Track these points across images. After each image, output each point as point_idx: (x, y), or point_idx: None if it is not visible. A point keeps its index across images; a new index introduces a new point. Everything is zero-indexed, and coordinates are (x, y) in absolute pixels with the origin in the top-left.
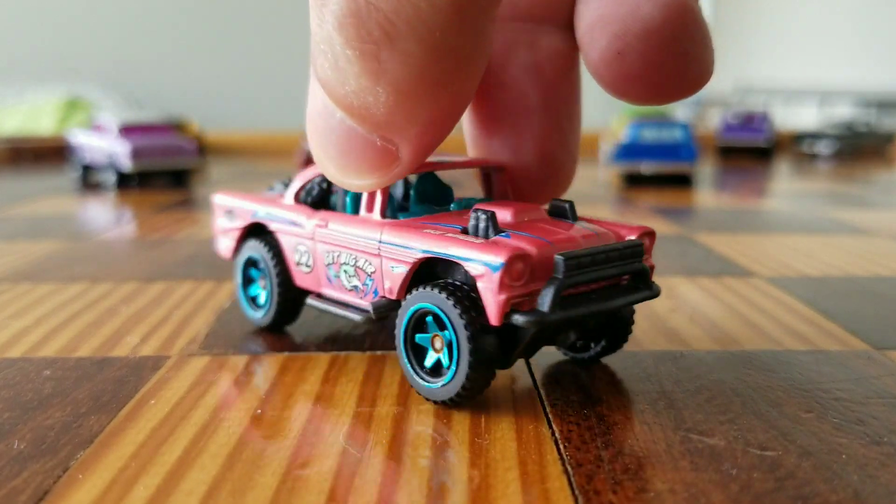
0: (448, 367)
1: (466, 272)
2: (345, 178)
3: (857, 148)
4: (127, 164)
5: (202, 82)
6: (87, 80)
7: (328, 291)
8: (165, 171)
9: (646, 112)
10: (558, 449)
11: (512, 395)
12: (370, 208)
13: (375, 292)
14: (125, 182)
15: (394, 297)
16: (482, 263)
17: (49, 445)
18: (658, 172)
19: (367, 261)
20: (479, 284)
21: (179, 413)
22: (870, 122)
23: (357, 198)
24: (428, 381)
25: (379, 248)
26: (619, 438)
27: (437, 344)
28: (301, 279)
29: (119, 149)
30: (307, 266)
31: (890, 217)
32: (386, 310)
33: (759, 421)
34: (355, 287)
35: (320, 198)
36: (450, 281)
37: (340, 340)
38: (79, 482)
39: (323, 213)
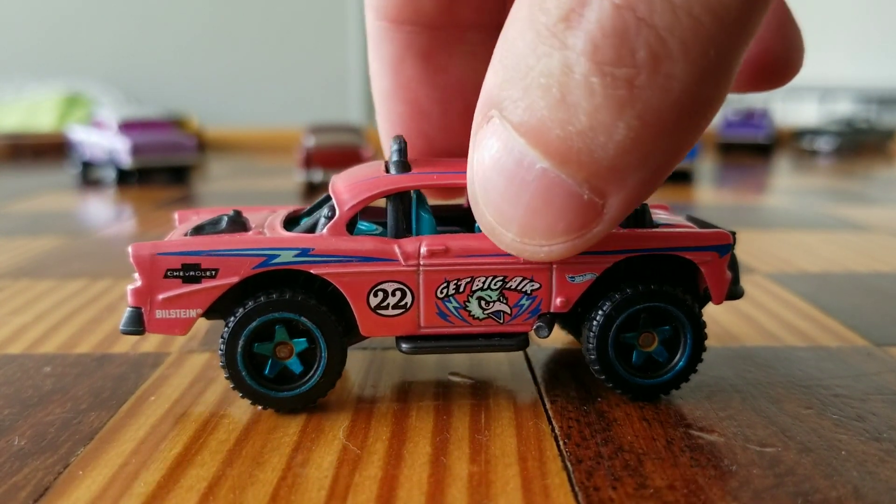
0: (674, 359)
1: (676, 263)
2: (528, 244)
3: (857, 144)
4: (126, 161)
5: (202, 78)
6: (87, 77)
7: (436, 330)
8: (165, 168)
9: None
10: (558, 445)
11: (512, 391)
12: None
13: (534, 311)
14: (125, 178)
15: (566, 309)
16: (712, 250)
17: (49, 442)
18: None
19: (526, 279)
20: (705, 270)
21: (179, 409)
22: (870, 118)
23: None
24: (642, 378)
25: (552, 262)
26: (619, 434)
27: (644, 342)
28: (377, 327)
29: (119, 145)
30: (398, 308)
31: (890, 213)
32: (552, 327)
33: (759, 417)
34: (496, 313)
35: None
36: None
37: None
38: (79, 478)
39: (430, 238)
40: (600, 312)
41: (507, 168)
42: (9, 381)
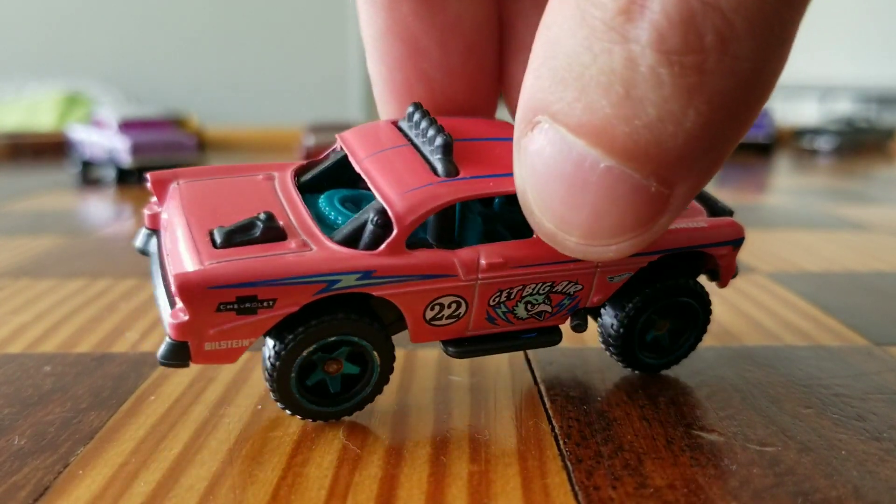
0: (679, 343)
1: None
2: (593, 245)
3: (857, 144)
4: (127, 160)
5: (202, 77)
6: (87, 76)
7: (480, 332)
8: (165, 167)
9: None
10: (558, 445)
11: (512, 391)
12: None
13: (572, 309)
14: (125, 178)
15: (598, 305)
16: (729, 244)
17: (49, 441)
18: None
19: (571, 283)
20: (721, 262)
21: (179, 409)
22: (870, 117)
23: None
24: (648, 356)
25: (597, 265)
26: (619, 434)
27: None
28: (427, 335)
29: (119, 144)
30: (451, 318)
31: (890, 213)
32: (587, 322)
33: (759, 417)
34: (538, 314)
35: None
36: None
37: None
38: (79, 478)
39: (487, 250)
40: (630, 305)
41: (565, 172)
42: (9, 380)
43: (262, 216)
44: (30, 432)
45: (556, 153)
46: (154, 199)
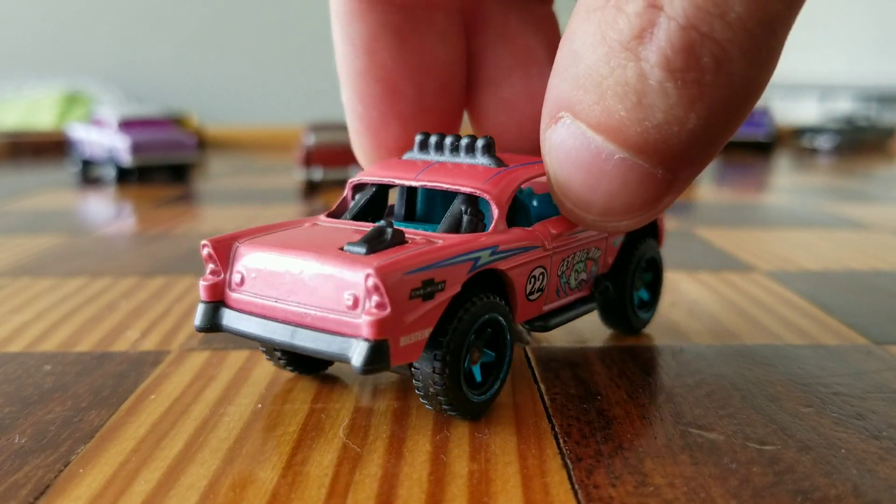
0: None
1: None
2: (609, 220)
3: (857, 142)
4: (126, 159)
5: (202, 77)
6: (87, 75)
7: (550, 307)
8: (165, 166)
9: None
10: (558, 443)
11: (512, 389)
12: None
13: (594, 274)
14: (125, 176)
15: (607, 269)
16: None
17: (50, 440)
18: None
19: (596, 248)
20: (660, 225)
21: (180, 408)
22: (870, 116)
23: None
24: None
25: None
26: (619, 433)
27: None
28: (524, 313)
29: (119, 143)
30: (538, 291)
31: (890, 211)
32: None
33: (759, 415)
34: (582, 281)
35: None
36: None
37: None
38: (80, 476)
39: (546, 224)
40: (629, 269)
41: (584, 161)
42: (9, 379)
43: (381, 225)
44: (30, 431)
45: (577, 145)
46: (210, 267)
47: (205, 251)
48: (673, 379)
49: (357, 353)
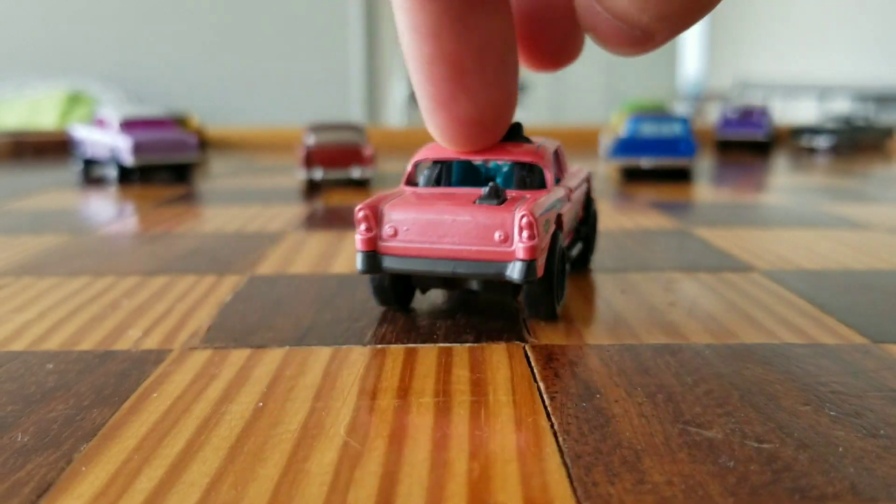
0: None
1: None
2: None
3: (855, 142)
4: (128, 159)
5: (204, 79)
6: (89, 76)
7: (566, 243)
8: (167, 166)
9: (645, 107)
10: (557, 441)
11: (511, 387)
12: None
13: (575, 220)
14: (127, 176)
15: (580, 218)
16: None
17: (52, 438)
18: (657, 167)
19: (579, 202)
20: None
21: (182, 406)
22: (868, 116)
23: None
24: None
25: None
26: (617, 430)
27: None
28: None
29: (121, 143)
30: (566, 231)
31: (888, 211)
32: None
33: (757, 414)
34: (573, 226)
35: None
36: None
37: (340, 334)
38: (82, 474)
39: (562, 185)
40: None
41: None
42: (12, 377)
43: (494, 184)
44: (33, 429)
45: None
46: (363, 226)
47: (360, 214)
48: (671, 377)
49: (516, 270)
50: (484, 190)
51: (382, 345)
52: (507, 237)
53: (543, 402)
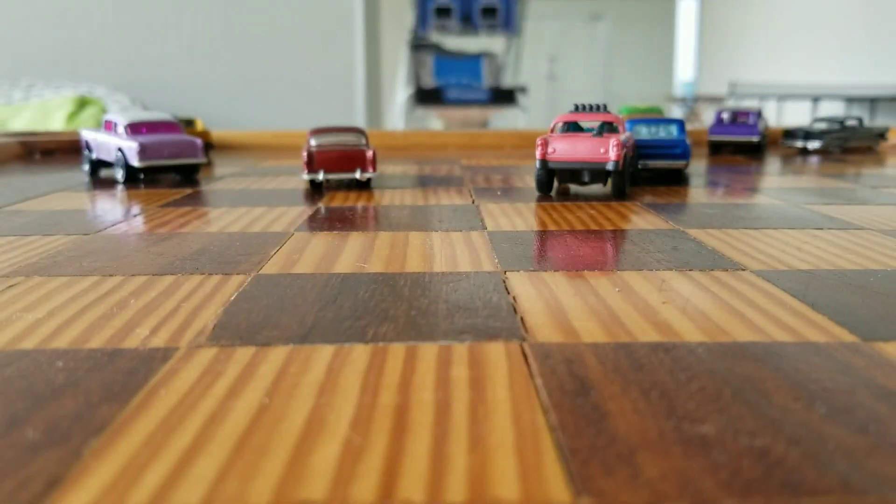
0: None
1: None
2: None
3: (847, 144)
4: (135, 161)
5: (209, 86)
6: (96, 83)
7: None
8: (173, 168)
9: (640, 110)
10: (554, 437)
11: (509, 384)
12: None
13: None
14: (134, 178)
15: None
16: None
17: (62, 434)
18: (652, 169)
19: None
20: None
21: (188, 403)
22: (861, 119)
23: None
24: None
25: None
26: (613, 426)
27: None
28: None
29: (128, 146)
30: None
31: (879, 212)
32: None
33: (749, 410)
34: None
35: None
36: None
37: (343, 332)
38: (91, 469)
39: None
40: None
41: None
42: (22, 375)
43: (601, 126)
44: (43, 426)
45: None
46: (541, 149)
47: (540, 140)
48: (665, 374)
49: (610, 165)
50: (593, 131)
51: (384, 343)
52: (607, 150)
53: (540, 398)
